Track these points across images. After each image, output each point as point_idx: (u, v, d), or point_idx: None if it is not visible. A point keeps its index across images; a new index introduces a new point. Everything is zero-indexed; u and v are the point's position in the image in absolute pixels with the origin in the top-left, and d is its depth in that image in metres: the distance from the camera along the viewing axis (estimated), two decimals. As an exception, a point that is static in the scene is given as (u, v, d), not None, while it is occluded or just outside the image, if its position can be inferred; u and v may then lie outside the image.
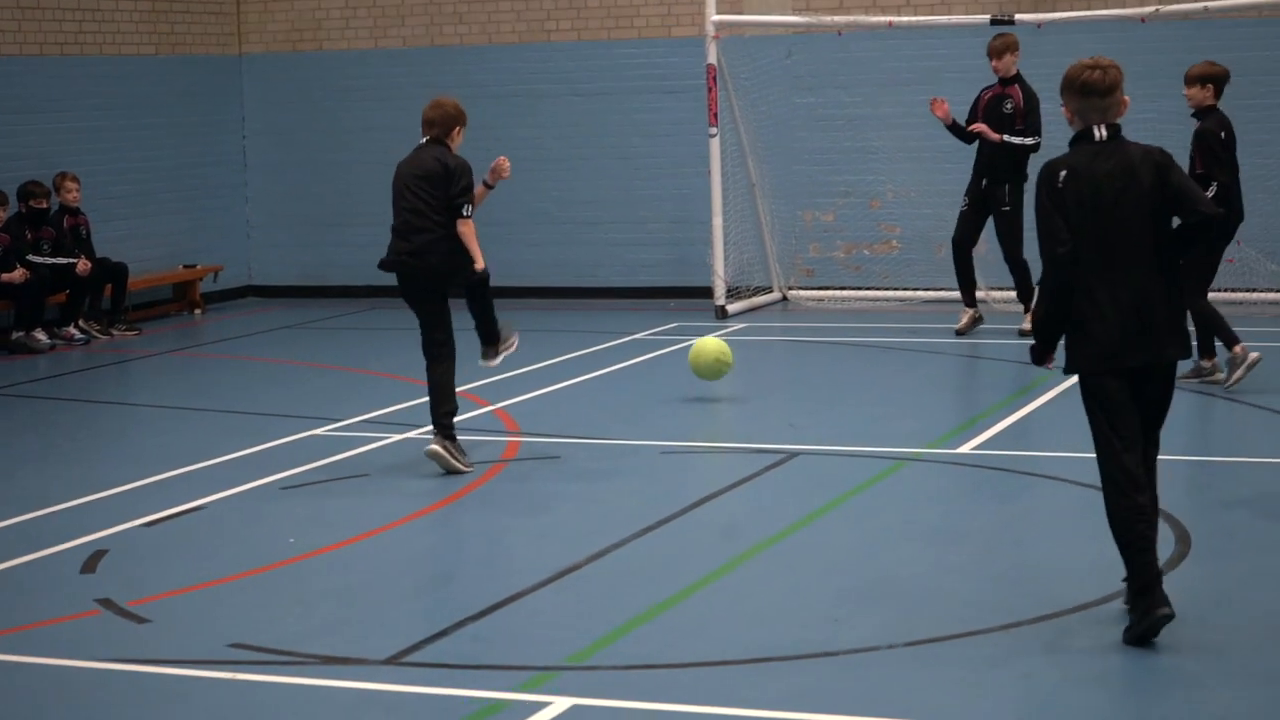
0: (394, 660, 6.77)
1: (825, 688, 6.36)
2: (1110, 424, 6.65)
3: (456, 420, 10.11)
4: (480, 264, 9.98)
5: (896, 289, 17.16)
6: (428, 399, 10.05)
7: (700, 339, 12.41)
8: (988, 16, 15.99)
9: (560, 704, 6.18)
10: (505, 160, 10.33)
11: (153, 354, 15.59)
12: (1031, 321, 8.25)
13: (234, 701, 6.43)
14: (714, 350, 12.08)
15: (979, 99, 14.58)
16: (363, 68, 19.09)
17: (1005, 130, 14.30)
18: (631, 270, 18.28)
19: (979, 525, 8.82)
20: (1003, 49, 14.44)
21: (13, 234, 15.84)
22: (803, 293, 17.43)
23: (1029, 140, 14.25)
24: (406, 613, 7.59)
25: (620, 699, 6.24)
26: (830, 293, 17.35)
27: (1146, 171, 6.65)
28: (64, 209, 16.42)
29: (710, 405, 12.15)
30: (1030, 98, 14.31)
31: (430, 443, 9.97)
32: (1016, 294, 14.69)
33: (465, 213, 9.90)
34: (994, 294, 15.80)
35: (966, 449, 10.30)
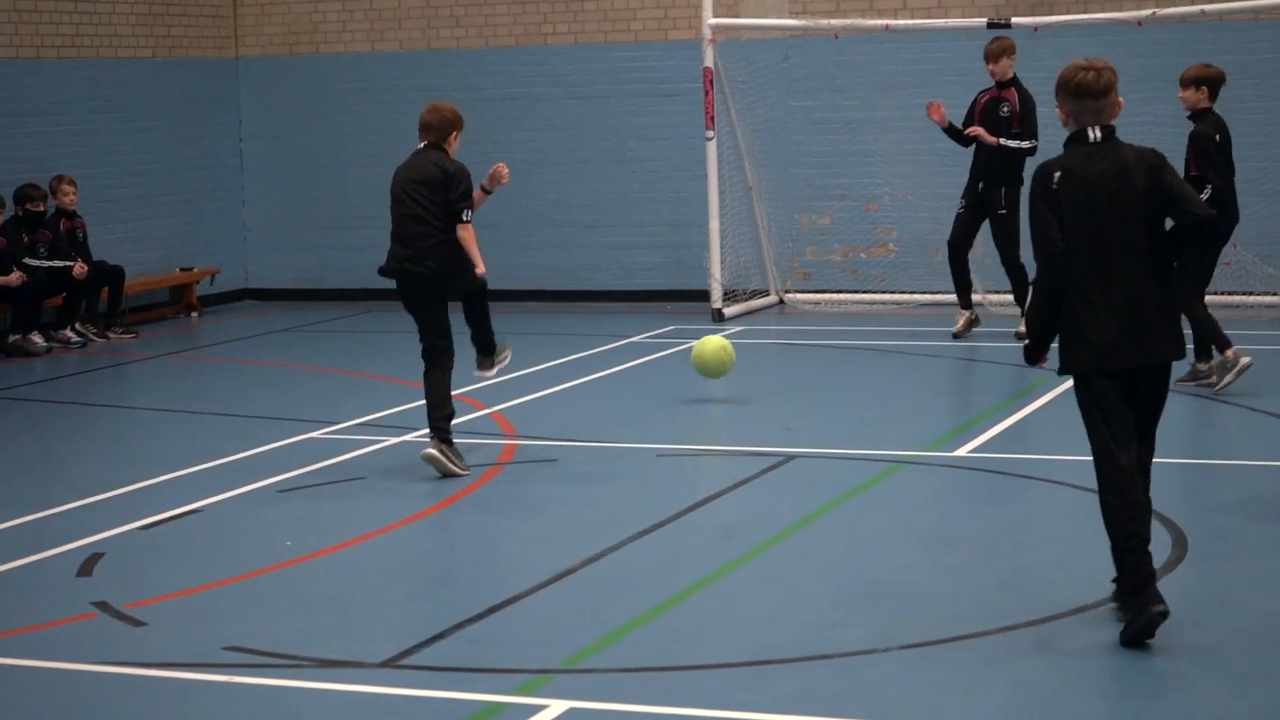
0: (390, 663, 6.76)
1: (821, 690, 6.37)
2: (1105, 423, 6.67)
3: (453, 423, 10.11)
4: (481, 268, 9.98)
5: (893, 292, 17.17)
6: (425, 402, 10.06)
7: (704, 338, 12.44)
8: (984, 20, 16.01)
9: (557, 707, 6.17)
10: (504, 167, 10.33)
11: (149, 357, 15.58)
12: (1025, 321, 8.23)
13: (230, 704, 6.42)
14: (718, 340, 12.16)
15: (976, 102, 14.58)
16: (359, 71, 19.09)
17: (1002, 134, 14.29)
18: (628, 273, 18.28)
19: (975, 528, 8.82)
20: (999, 52, 14.42)
21: (9, 237, 15.84)
22: (799, 296, 17.44)
23: (1026, 144, 14.24)
24: (403, 616, 7.60)
25: (617, 702, 6.23)
26: (827, 296, 17.35)
27: (1140, 173, 6.66)
28: (60, 212, 16.41)
29: (707, 408, 12.15)
30: (1027, 101, 14.31)
31: (427, 446, 9.97)
32: (1013, 297, 14.69)
33: (465, 218, 9.90)
34: (990, 297, 15.81)
35: (963, 452, 10.30)
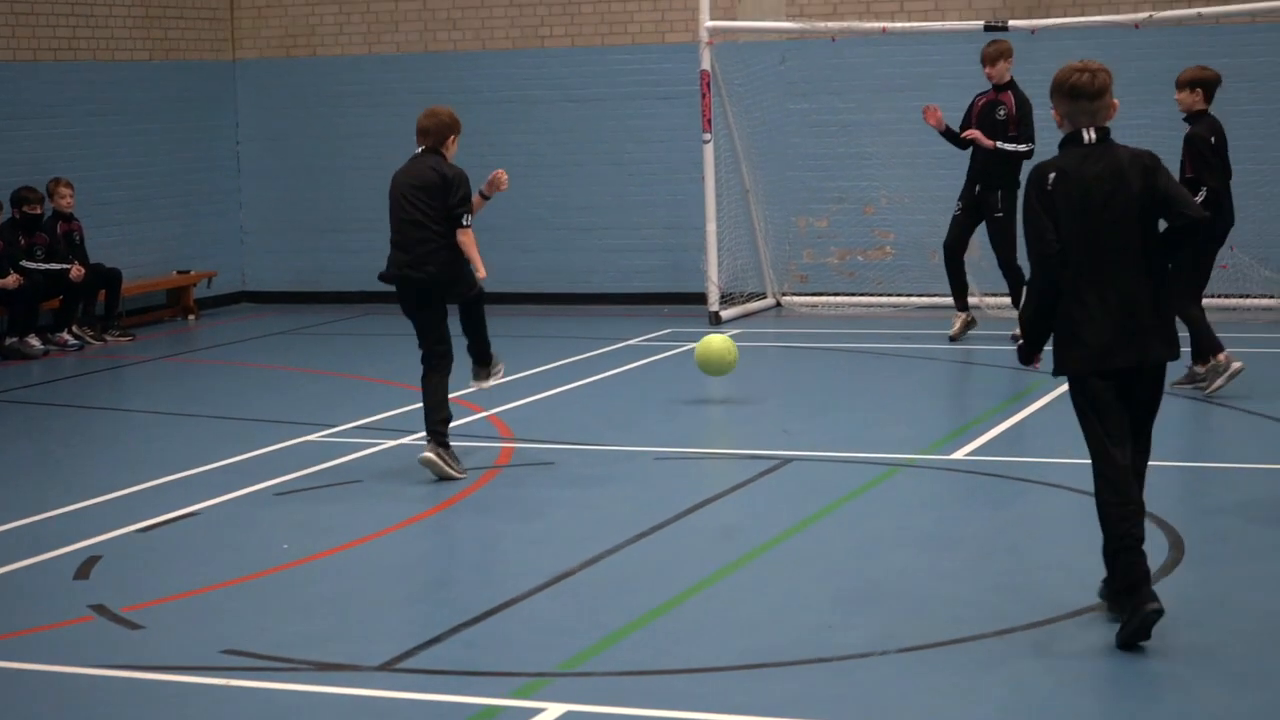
0: (388, 666, 6.76)
1: (819, 693, 6.37)
2: (1100, 423, 6.68)
3: (451, 426, 10.11)
4: (482, 272, 9.99)
5: (890, 295, 17.18)
6: (422, 405, 10.06)
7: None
8: (981, 23, 16.01)
9: (554, 710, 6.17)
10: (503, 173, 10.33)
11: (146, 360, 15.58)
12: (1019, 321, 8.19)
13: (227, 708, 6.42)
14: (725, 338, 12.22)
15: (973, 105, 14.58)
16: (356, 73, 19.08)
17: (999, 137, 14.29)
18: (626, 276, 18.28)
19: (972, 531, 8.82)
20: (996, 55, 14.42)
21: (6, 240, 15.84)
22: (796, 299, 17.44)
23: (1022, 147, 14.23)
24: (400, 619, 7.60)
25: (614, 705, 6.23)
26: (824, 299, 17.35)
27: (1135, 174, 6.67)
28: (58, 215, 16.40)
29: (704, 411, 12.15)
30: (1024, 104, 14.31)
31: (424, 449, 9.97)
32: (1010, 300, 14.69)
33: (465, 222, 9.91)
34: (987, 300, 15.81)
35: (960, 455, 10.30)
